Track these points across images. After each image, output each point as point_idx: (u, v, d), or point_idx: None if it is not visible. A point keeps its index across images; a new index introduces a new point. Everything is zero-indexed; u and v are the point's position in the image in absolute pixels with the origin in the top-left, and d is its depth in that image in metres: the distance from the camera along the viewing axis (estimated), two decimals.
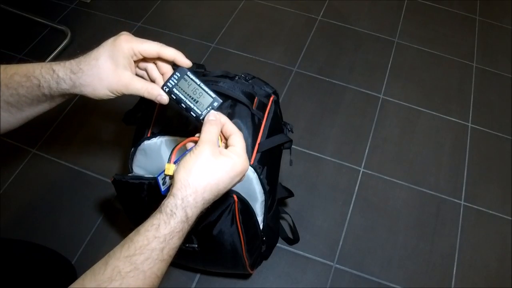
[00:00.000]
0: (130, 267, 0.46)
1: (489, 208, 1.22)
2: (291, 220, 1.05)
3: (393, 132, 1.36)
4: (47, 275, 0.85)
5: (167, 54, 0.59)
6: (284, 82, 1.46)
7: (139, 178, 0.75)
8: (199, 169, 0.51)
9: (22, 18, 1.58)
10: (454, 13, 1.76)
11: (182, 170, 0.51)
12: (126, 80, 0.58)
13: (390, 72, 1.53)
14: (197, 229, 0.78)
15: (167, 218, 0.49)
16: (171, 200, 0.50)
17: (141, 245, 0.47)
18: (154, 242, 0.48)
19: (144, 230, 0.48)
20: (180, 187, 0.50)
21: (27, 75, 0.57)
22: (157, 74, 0.62)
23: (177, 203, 0.49)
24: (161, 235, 0.48)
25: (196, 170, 0.50)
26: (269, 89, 0.81)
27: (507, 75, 1.56)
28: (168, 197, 0.50)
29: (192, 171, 0.50)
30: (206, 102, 0.58)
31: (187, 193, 0.50)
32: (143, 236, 0.48)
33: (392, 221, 1.18)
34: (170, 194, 0.50)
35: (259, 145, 0.74)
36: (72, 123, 1.32)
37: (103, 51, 0.57)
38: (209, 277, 1.05)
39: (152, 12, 1.65)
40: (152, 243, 0.48)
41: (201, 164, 0.51)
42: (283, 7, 1.70)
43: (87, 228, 1.11)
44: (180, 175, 0.50)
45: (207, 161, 0.51)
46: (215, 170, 0.51)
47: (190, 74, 0.58)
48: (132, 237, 0.48)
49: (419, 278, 1.09)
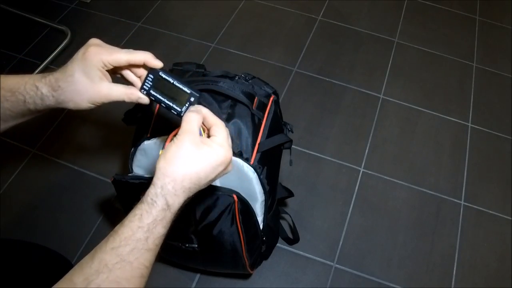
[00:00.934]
0: (116, 258, 0.47)
1: (489, 208, 1.22)
2: (291, 220, 1.05)
3: (393, 132, 1.36)
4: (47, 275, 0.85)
5: (137, 59, 0.60)
6: (284, 82, 1.46)
7: (139, 178, 0.75)
8: (179, 158, 0.51)
9: (22, 18, 1.58)
10: (454, 13, 1.76)
11: (162, 159, 0.51)
12: (104, 91, 0.58)
13: (390, 72, 1.53)
14: (197, 229, 0.78)
15: (148, 207, 0.49)
16: (151, 189, 0.50)
17: (125, 236, 0.48)
18: (138, 232, 0.48)
19: (128, 221, 0.49)
20: (160, 176, 0.51)
21: (12, 90, 0.58)
22: (133, 77, 0.62)
23: (157, 191, 0.50)
24: (144, 225, 0.49)
25: (175, 159, 0.51)
26: (269, 89, 0.81)
27: (507, 75, 1.56)
28: (149, 187, 0.51)
29: (172, 160, 0.51)
30: (184, 99, 0.58)
31: (165, 181, 0.50)
32: (127, 227, 0.48)
33: (392, 221, 1.18)
34: (151, 183, 0.51)
35: (259, 145, 0.74)
36: (72, 123, 1.32)
37: (76, 67, 0.57)
38: (209, 277, 1.05)
39: (152, 12, 1.65)
40: (136, 233, 0.48)
41: (180, 153, 0.51)
42: (283, 7, 1.70)
43: (87, 228, 1.11)
44: (160, 164, 0.51)
45: (186, 150, 0.51)
46: (195, 159, 0.51)
47: (162, 74, 0.59)
48: (117, 229, 0.49)
49: (419, 278, 1.09)
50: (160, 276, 1.05)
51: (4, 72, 1.44)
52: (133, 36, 1.55)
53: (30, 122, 0.70)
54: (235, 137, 0.73)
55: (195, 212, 0.75)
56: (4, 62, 1.46)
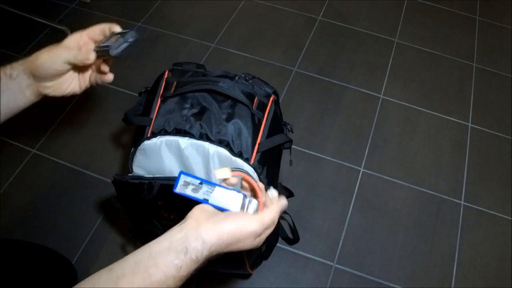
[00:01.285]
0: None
1: (489, 208, 1.22)
2: (291, 220, 1.05)
3: (393, 132, 1.36)
4: (47, 275, 0.85)
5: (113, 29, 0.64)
6: (284, 82, 1.46)
7: (139, 178, 0.75)
8: (241, 237, 0.51)
9: (22, 18, 1.58)
10: (454, 13, 1.76)
11: (227, 227, 0.50)
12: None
13: (390, 72, 1.53)
14: None
15: (191, 263, 0.48)
16: (199, 247, 0.48)
17: (157, 280, 0.46)
18: (171, 281, 0.47)
19: (163, 265, 0.47)
20: (216, 241, 0.49)
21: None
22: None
23: (204, 253, 0.49)
24: (179, 276, 0.48)
25: (237, 236, 0.51)
26: (269, 89, 0.81)
27: (507, 75, 1.56)
28: (197, 240, 0.49)
29: (234, 236, 0.50)
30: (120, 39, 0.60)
31: (217, 249, 0.50)
32: (161, 271, 0.47)
33: (392, 221, 1.18)
34: (201, 238, 0.49)
35: (259, 145, 0.74)
36: (72, 123, 1.32)
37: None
38: (209, 277, 1.05)
39: (152, 12, 1.65)
40: (168, 281, 0.47)
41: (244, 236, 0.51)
42: (283, 7, 1.70)
43: (87, 228, 1.11)
44: (223, 231, 0.50)
45: (249, 236, 0.51)
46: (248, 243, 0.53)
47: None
48: (148, 267, 0.47)
49: (419, 278, 1.09)
50: None
51: None
52: None
53: (30, 122, 0.70)
54: (235, 137, 0.73)
55: None
56: (4, 62, 1.46)
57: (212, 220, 0.50)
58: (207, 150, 0.72)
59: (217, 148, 0.72)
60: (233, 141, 0.73)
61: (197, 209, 0.53)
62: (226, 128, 0.73)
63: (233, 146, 0.72)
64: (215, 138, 0.72)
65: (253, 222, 0.51)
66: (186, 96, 0.76)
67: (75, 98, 1.38)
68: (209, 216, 0.51)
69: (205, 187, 0.54)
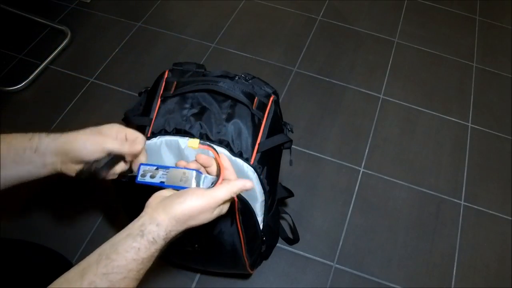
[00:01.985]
0: (107, 284, 0.48)
1: (489, 208, 1.22)
2: (291, 220, 1.05)
3: (393, 132, 1.36)
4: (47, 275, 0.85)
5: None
6: (284, 82, 1.46)
7: None
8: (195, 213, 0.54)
9: (22, 18, 1.58)
10: (454, 13, 1.76)
11: (178, 206, 0.53)
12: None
13: (390, 72, 1.53)
14: (197, 229, 0.78)
15: (148, 244, 0.51)
16: (154, 228, 0.52)
17: (119, 264, 0.49)
18: (133, 264, 0.50)
19: (123, 250, 0.50)
20: (169, 220, 0.53)
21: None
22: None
23: (160, 234, 0.52)
24: (140, 258, 0.50)
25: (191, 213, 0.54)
26: (269, 89, 0.81)
27: (507, 75, 1.56)
28: (151, 222, 0.52)
29: (188, 213, 0.53)
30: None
31: (173, 229, 0.53)
32: (122, 256, 0.49)
33: (392, 221, 1.18)
34: (155, 220, 0.52)
35: (259, 145, 0.74)
36: (72, 123, 1.32)
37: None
38: (209, 277, 1.05)
39: (152, 12, 1.65)
40: (130, 264, 0.49)
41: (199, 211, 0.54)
42: (283, 7, 1.70)
43: (87, 228, 1.11)
44: (175, 210, 0.53)
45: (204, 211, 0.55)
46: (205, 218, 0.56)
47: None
48: (110, 254, 0.49)
49: (419, 278, 1.09)
50: (160, 276, 1.05)
51: (4, 72, 1.44)
52: (133, 36, 1.56)
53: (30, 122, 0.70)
54: (235, 137, 0.73)
55: None
56: (4, 62, 1.46)
57: (164, 203, 0.54)
58: (207, 150, 0.73)
59: (217, 148, 0.72)
60: (233, 141, 0.73)
61: (152, 197, 0.56)
62: (226, 128, 0.73)
63: (233, 146, 0.72)
64: (215, 138, 0.72)
65: (204, 198, 0.54)
66: (186, 96, 0.76)
67: (75, 98, 1.38)
68: (162, 200, 0.55)
69: (160, 171, 0.58)
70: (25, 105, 1.35)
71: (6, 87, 1.38)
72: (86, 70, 1.45)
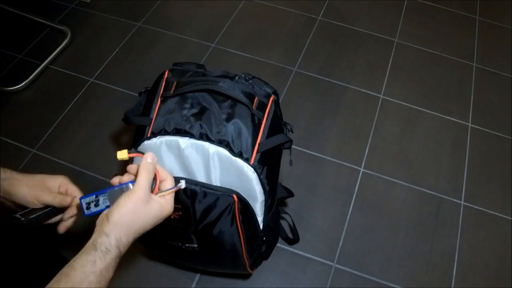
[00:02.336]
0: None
1: (489, 208, 1.22)
2: (291, 220, 1.05)
3: (393, 132, 1.36)
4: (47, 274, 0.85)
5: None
6: (284, 82, 1.46)
7: None
8: (132, 212, 0.56)
9: (22, 18, 1.58)
10: (454, 13, 1.76)
11: (116, 211, 0.55)
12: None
13: (390, 72, 1.53)
14: (197, 229, 0.78)
15: (102, 255, 0.53)
16: (104, 239, 0.54)
17: (79, 280, 0.51)
18: (91, 276, 0.52)
19: (79, 265, 0.52)
20: (114, 227, 0.55)
21: None
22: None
23: (111, 242, 0.54)
24: (97, 270, 0.52)
25: (129, 213, 0.56)
26: (269, 89, 0.81)
27: (507, 75, 1.56)
28: (101, 235, 0.54)
29: (126, 214, 0.56)
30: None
31: (121, 235, 0.55)
32: (80, 271, 0.51)
33: (392, 221, 1.18)
34: (103, 232, 0.55)
35: (259, 145, 0.74)
36: (72, 123, 1.32)
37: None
38: (209, 277, 1.05)
39: (152, 12, 1.65)
40: (89, 276, 0.51)
41: (134, 208, 0.56)
42: (283, 7, 1.70)
43: (87, 228, 1.11)
44: (114, 216, 0.55)
45: (139, 206, 0.56)
46: (145, 214, 0.57)
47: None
48: (68, 272, 0.52)
49: (419, 278, 1.09)
50: (160, 276, 1.05)
51: (4, 72, 1.44)
52: (133, 36, 1.56)
53: (30, 122, 0.70)
54: (235, 137, 0.73)
55: (195, 212, 0.75)
56: (4, 62, 1.46)
57: (107, 214, 0.56)
58: (207, 150, 0.73)
59: (217, 148, 0.72)
60: (233, 141, 0.73)
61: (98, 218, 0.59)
62: (226, 128, 0.73)
63: (233, 146, 0.72)
64: (215, 138, 0.72)
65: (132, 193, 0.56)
66: (186, 96, 0.76)
67: (75, 98, 1.38)
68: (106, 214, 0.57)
69: (101, 197, 0.61)
70: (25, 105, 1.35)
71: (6, 87, 1.38)
72: (86, 70, 1.45)
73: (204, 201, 0.73)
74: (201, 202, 0.74)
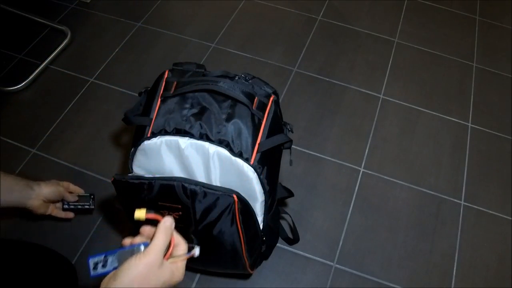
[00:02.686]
0: None
1: (489, 208, 1.22)
2: (291, 220, 1.05)
3: (393, 132, 1.36)
4: (47, 275, 0.85)
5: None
6: (284, 82, 1.46)
7: (139, 178, 0.75)
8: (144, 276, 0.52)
9: (22, 18, 1.58)
10: (454, 13, 1.76)
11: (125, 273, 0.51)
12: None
13: (390, 72, 1.53)
14: (197, 229, 0.79)
15: None
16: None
17: None
18: None
19: None
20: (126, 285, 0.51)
21: None
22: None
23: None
24: None
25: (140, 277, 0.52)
26: (269, 89, 0.81)
27: (507, 75, 1.56)
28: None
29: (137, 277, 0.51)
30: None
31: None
32: None
33: (392, 221, 1.18)
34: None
35: (259, 145, 0.74)
36: (72, 123, 1.32)
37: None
38: (209, 277, 1.05)
39: (152, 12, 1.65)
40: None
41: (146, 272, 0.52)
42: (283, 7, 1.70)
43: (87, 228, 1.11)
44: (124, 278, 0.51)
45: (151, 270, 0.52)
46: (156, 280, 0.53)
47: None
48: None
49: (419, 278, 1.09)
50: None
51: (4, 72, 1.44)
52: (133, 36, 1.56)
53: (30, 122, 0.70)
54: (235, 137, 0.73)
55: (195, 212, 0.75)
56: (4, 62, 1.46)
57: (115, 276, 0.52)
58: (207, 150, 0.73)
59: (217, 148, 0.72)
60: (233, 141, 0.73)
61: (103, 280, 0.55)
62: (226, 128, 0.73)
63: (233, 146, 0.72)
64: (215, 138, 0.72)
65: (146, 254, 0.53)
66: (186, 96, 0.76)
67: (75, 98, 1.38)
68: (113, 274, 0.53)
69: (110, 258, 0.57)
70: (25, 105, 1.35)
71: (6, 87, 1.38)
72: (86, 70, 1.45)
73: (204, 201, 0.73)
74: (201, 202, 0.73)
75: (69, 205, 1.02)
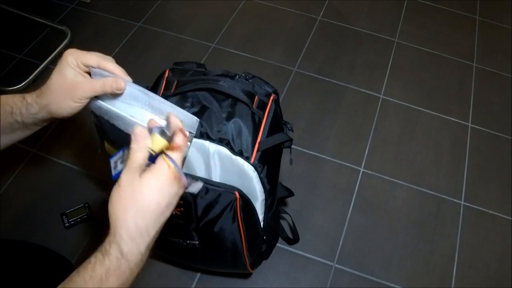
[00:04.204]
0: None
1: (489, 208, 1.22)
2: (291, 220, 1.05)
3: (393, 132, 1.36)
4: (47, 275, 0.85)
5: (107, 68, 0.64)
6: (284, 82, 1.46)
7: None
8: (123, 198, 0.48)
9: (22, 18, 1.58)
10: (454, 13, 1.76)
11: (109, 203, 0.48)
12: (83, 84, 0.61)
13: (390, 72, 1.53)
14: (198, 225, 0.78)
15: (101, 256, 0.46)
16: (107, 238, 0.47)
17: (78, 286, 0.45)
18: (91, 282, 0.45)
19: (82, 269, 0.46)
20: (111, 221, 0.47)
21: (1, 103, 0.61)
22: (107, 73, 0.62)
23: (110, 239, 0.46)
24: (97, 275, 0.45)
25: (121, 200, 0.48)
26: (269, 88, 0.81)
27: (507, 75, 1.56)
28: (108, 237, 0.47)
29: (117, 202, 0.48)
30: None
31: (116, 226, 0.47)
32: (81, 276, 0.46)
33: (392, 221, 1.18)
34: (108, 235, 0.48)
35: (259, 144, 0.74)
36: (72, 123, 1.32)
37: (54, 71, 0.61)
38: (209, 277, 1.05)
39: (152, 12, 1.65)
40: (88, 283, 0.45)
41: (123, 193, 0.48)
42: (283, 7, 1.71)
43: (87, 228, 1.11)
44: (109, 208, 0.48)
45: (128, 187, 0.48)
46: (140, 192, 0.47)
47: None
48: (73, 276, 0.46)
49: (419, 278, 1.09)
50: (160, 276, 1.04)
51: (4, 72, 1.44)
52: (133, 36, 1.56)
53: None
54: (236, 136, 0.73)
55: (197, 209, 0.75)
56: (4, 62, 1.46)
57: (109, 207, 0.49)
58: (207, 149, 0.72)
59: (218, 146, 0.72)
60: (234, 139, 0.73)
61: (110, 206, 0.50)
62: (226, 127, 0.73)
63: (234, 145, 0.72)
64: (216, 137, 0.72)
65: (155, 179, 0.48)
66: (187, 95, 0.76)
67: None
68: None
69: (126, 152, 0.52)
70: None
71: (6, 87, 1.37)
72: None
73: (206, 197, 0.73)
74: (203, 198, 0.73)
75: (69, 222, 1.08)
